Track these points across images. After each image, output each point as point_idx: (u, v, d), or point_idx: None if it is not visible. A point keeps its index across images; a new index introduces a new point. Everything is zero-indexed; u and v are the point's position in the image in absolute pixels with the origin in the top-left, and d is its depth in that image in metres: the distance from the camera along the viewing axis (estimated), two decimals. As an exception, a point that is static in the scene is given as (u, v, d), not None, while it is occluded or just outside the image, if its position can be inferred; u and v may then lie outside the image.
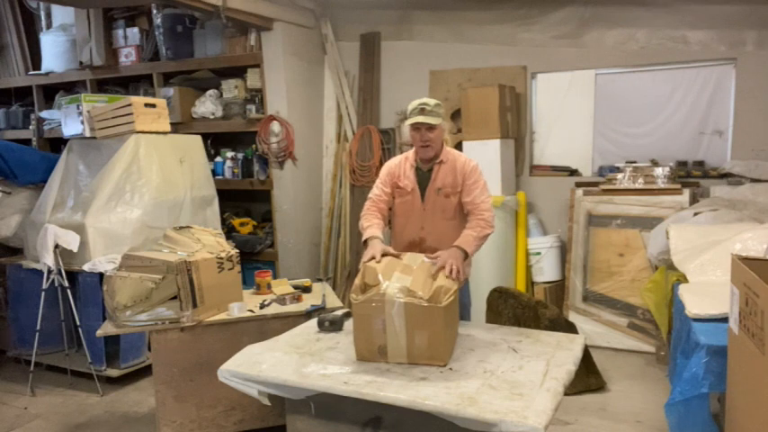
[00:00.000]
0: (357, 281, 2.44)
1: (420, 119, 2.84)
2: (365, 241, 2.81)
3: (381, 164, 5.48)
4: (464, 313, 3.07)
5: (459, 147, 5.01)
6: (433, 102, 2.90)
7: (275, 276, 4.95)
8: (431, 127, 2.87)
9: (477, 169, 2.97)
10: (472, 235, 2.81)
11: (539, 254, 5.04)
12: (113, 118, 4.39)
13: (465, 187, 2.93)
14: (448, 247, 2.73)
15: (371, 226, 2.89)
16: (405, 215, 3.03)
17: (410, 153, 3.07)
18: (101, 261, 4.01)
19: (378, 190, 3.06)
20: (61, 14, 6.33)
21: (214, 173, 5.52)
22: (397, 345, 2.33)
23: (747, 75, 4.57)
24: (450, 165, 2.97)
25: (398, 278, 2.39)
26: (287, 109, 5.34)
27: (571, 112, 5.20)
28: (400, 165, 3.06)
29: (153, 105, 4.48)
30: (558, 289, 5.03)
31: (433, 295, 2.30)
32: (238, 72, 5.58)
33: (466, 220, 2.97)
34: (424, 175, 3.00)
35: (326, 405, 2.30)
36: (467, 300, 3.16)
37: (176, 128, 5.33)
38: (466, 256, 2.72)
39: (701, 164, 4.77)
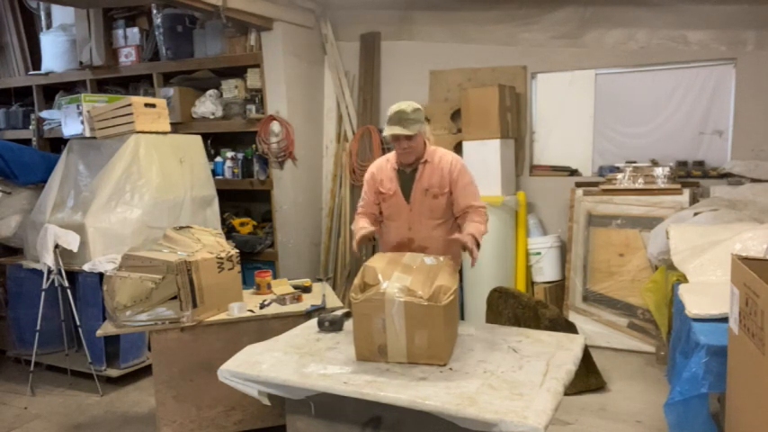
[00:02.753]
0: (356, 280, 2.44)
1: (396, 130, 2.80)
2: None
3: (381, 164, 5.53)
4: None
5: (459, 147, 5.02)
6: (410, 108, 2.83)
7: (275, 276, 4.96)
8: (409, 136, 2.83)
9: (465, 170, 2.95)
10: (481, 231, 2.82)
11: (539, 254, 5.04)
12: (113, 118, 4.39)
13: (458, 190, 2.90)
14: (445, 245, 2.87)
15: (358, 222, 3.01)
16: (391, 217, 3.03)
17: (392, 155, 3.04)
18: (101, 261, 4.01)
19: (363, 201, 3.09)
20: (61, 14, 6.33)
21: (214, 173, 5.52)
22: (397, 344, 2.33)
23: (747, 75, 4.57)
24: (436, 164, 2.94)
25: (398, 278, 2.39)
26: (287, 109, 5.34)
27: (571, 112, 5.20)
28: (382, 169, 3.04)
29: (153, 105, 4.48)
30: (558, 289, 5.03)
31: (432, 294, 2.31)
32: (238, 72, 5.58)
33: (454, 218, 2.99)
34: (407, 177, 2.97)
35: (326, 405, 2.30)
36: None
37: (176, 128, 5.33)
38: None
39: (701, 164, 4.76)
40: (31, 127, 6.37)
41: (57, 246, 4.04)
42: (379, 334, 2.34)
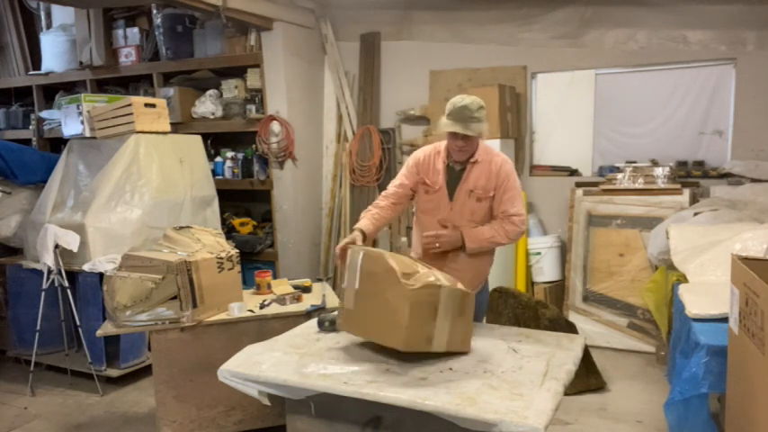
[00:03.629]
0: (396, 268, 2.23)
1: (458, 129, 2.63)
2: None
3: (381, 164, 5.54)
4: (479, 315, 3.02)
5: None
6: (476, 105, 2.65)
7: (275, 276, 4.95)
8: (467, 136, 2.67)
9: (512, 175, 2.82)
10: (486, 237, 2.74)
11: (539, 254, 5.04)
12: (113, 118, 4.39)
13: (499, 194, 2.79)
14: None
15: (362, 219, 2.83)
16: (430, 212, 2.87)
17: (442, 147, 2.86)
18: (101, 261, 4.01)
19: (398, 182, 2.91)
20: (61, 14, 6.33)
21: (214, 173, 5.52)
22: (442, 332, 2.29)
23: (747, 75, 4.57)
24: (485, 165, 2.79)
25: (425, 271, 2.35)
26: (287, 109, 5.34)
27: (571, 112, 5.20)
28: (430, 158, 2.86)
29: (153, 105, 4.48)
30: (558, 289, 5.03)
31: (455, 282, 2.32)
32: (238, 72, 5.58)
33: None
34: (455, 174, 2.82)
35: (326, 405, 2.30)
36: (484, 299, 3.11)
37: (176, 128, 5.33)
38: (463, 247, 2.73)
39: (701, 164, 4.77)
40: (31, 127, 6.37)
41: (57, 246, 4.03)
42: (428, 322, 2.26)
